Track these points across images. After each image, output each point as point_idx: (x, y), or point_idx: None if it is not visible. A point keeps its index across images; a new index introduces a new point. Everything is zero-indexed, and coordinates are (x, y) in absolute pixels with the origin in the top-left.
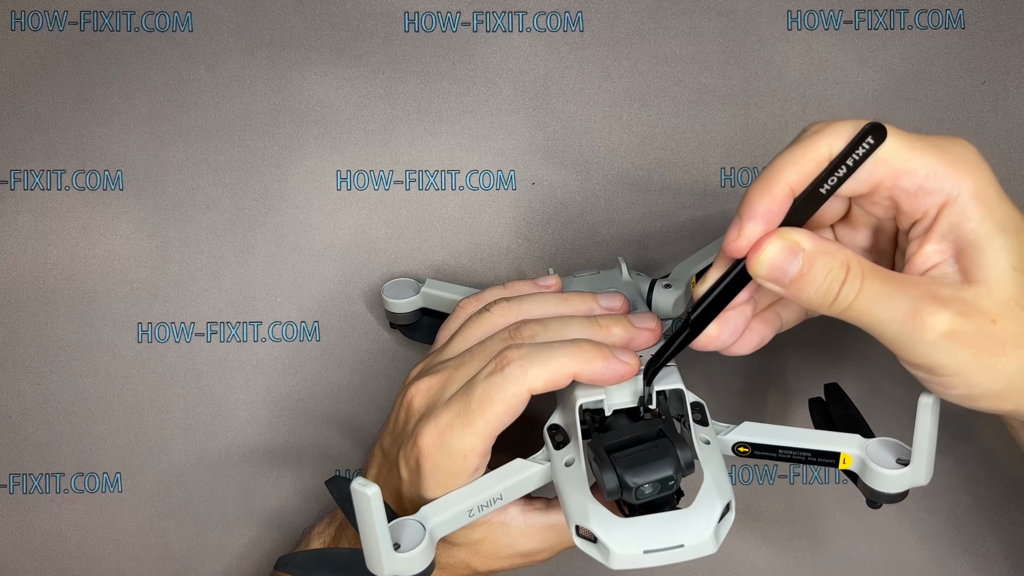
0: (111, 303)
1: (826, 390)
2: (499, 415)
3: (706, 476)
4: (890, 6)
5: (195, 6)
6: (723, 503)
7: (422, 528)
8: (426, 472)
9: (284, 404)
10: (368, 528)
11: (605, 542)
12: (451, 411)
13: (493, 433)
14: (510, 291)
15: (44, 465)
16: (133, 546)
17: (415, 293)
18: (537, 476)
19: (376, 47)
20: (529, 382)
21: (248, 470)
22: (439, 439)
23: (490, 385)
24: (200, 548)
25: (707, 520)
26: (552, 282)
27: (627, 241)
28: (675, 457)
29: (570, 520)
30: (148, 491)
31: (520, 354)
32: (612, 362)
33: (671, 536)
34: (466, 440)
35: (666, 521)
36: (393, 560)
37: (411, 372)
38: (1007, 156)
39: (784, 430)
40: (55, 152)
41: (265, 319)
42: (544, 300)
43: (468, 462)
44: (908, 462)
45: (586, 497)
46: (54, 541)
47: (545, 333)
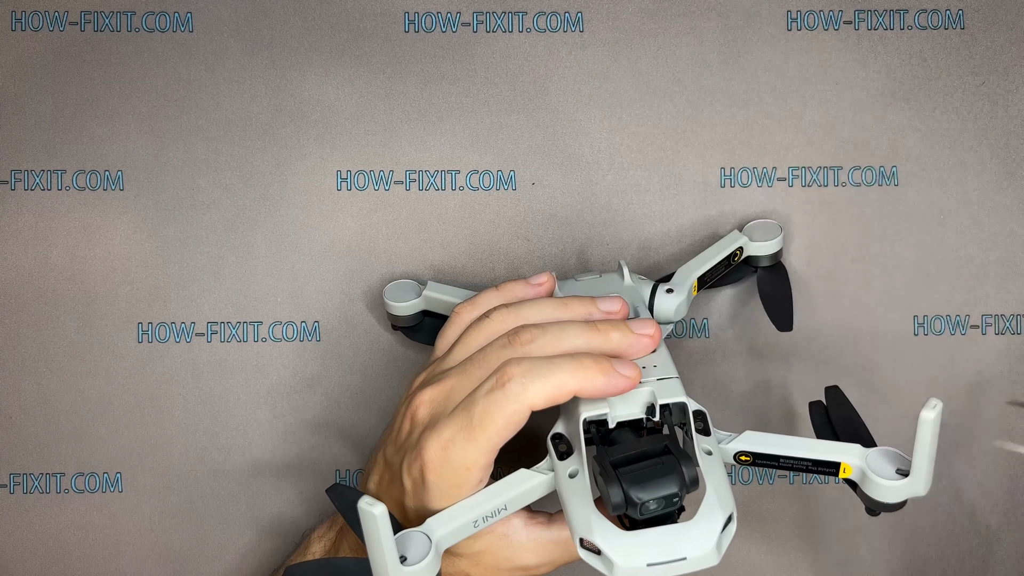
0: (111, 303)
1: (827, 393)
2: (500, 431)
3: (708, 489)
4: (890, 6)
5: (195, 6)
6: (725, 515)
7: (428, 540)
8: (430, 484)
9: (284, 404)
10: (375, 545)
11: (609, 555)
12: (454, 425)
13: (495, 447)
14: (504, 293)
15: (44, 465)
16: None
17: (416, 296)
18: (541, 486)
19: (376, 47)
20: (529, 399)
21: (248, 470)
22: (442, 453)
23: (491, 402)
24: (200, 548)
25: (710, 533)
26: (545, 279)
27: (627, 241)
28: (680, 475)
29: (574, 532)
30: (148, 491)
31: (521, 371)
32: (613, 376)
33: (674, 549)
34: (468, 454)
35: (669, 534)
36: (400, 573)
37: (415, 381)
38: (1007, 157)
39: (785, 439)
40: (55, 152)
41: (265, 319)
42: (543, 305)
43: (471, 475)
44: (908, 472)
45: (590, 510)
46: (54, 541)
47: (544, 338)
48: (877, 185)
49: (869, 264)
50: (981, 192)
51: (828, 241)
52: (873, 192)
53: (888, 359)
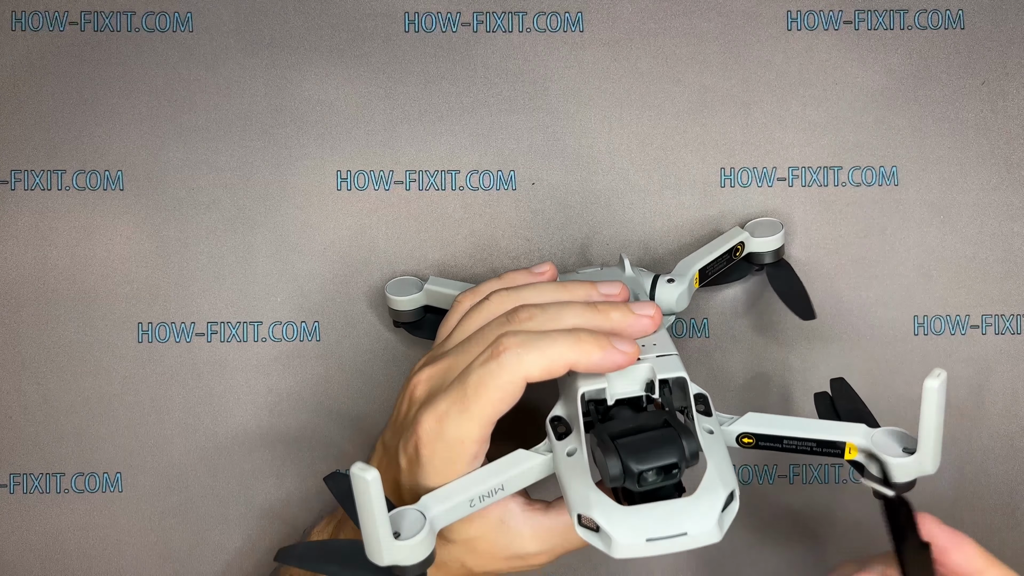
0: (111, 303)
1: (832, 385)
2: (495, 402)
3: (709, 465)
4: (890, 6)
5: (195, 6)
6: (727, 491)
7: (422, 517)
8: (424, 459)
9: (284, 404)
10: (367, 515)
11: (607, 530)
12: (448, 399)
13: (490, 420)
14: (506, 282)
15: (44, 465)
16: (133, 546)
17: (418, 291)
18: (539, 467)
19: (376, 47)
20: (525, 369)
21: (248, 470)
22: (437, 426)
23: (485, 372)
24: (200, 548)
25: (711, 508)
26: (546, 268)
27: (627, 241)
28: (680, 445)
29: (572, 509)
30: (148, 491)
31: (516, 341)
32: (610, 351)
33: (674, 524)
34: (463, 427)
35: (669, 509)
36: (393, 548)
37: (416, 365)
38: (1007, 157)
39: (788, 420)
40: (55, 152)
41: (265, 319)
42: (543, 288)
43: (466, 449)
44: (915, 451)
45: (588, 486)
46: (54, 541)
47: (543, 315)
48: (877, 185)
49: (869, 264)
50: (981, 192)
51: (828, 241)
52: (873, 192)
53: (888, 359)
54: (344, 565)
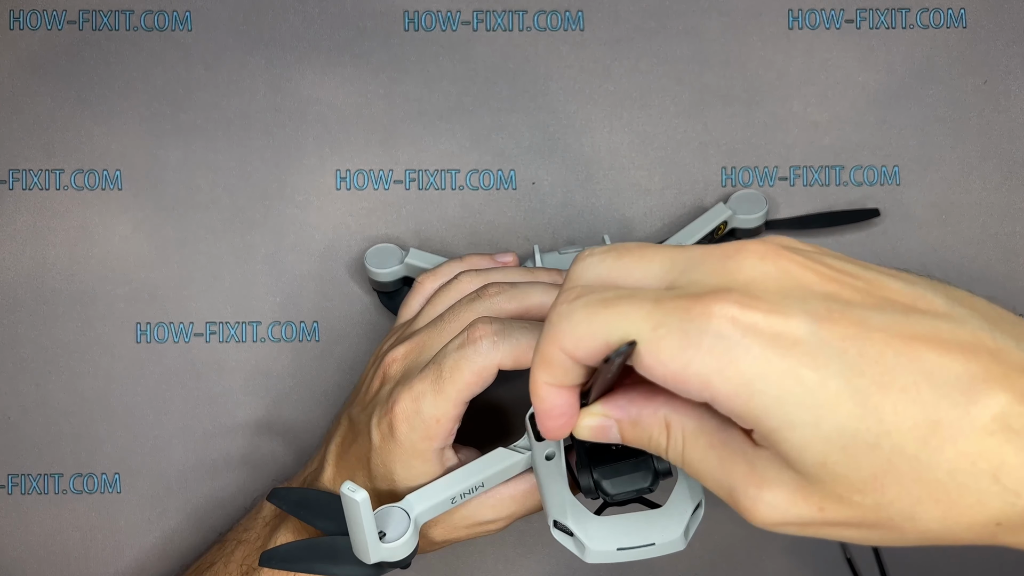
0: (110, 303)
1: None
2: (469, 385)
3: (680, 478)
4: (891, 5)
5: (194, 6)
6: (694, 504)
7: (407, 516)
8: (400, 437)
9: (284, 404)
10: (357, 528)
11: (581, 539)
12: (425, 380)
13: (464, 400)
14: (467, 263)
15: (43, 465)
16: (133, 546)
17: (399, 263)
18: (518, 465)
19: (376, 46)
20: (499, 357)
21: (248, 470)
22: (413, 405)
23: (461, 356)
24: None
25: (679, 521)
26: (510, 259)
27: (628, 241)
28: (652, 470)
29: (549, 514)
30: (147, 491)
31: (492, 330)
32: None
33: (644, 535)
34: (439, 406)
35: (640, 520)
36: (380, 549)
37: (382, 345)
38: (1009, 156)
39: None
40: (54, 152)
41: (265, 319)
42: (510, 271)
43: (441, 427)
44: None
45: (565, 493)
46: (54, 541)
47: (511, 291)
48: (878, 185)
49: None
50: (983, 192)
51: (829, 241)
52: (873, 192)
53: None
54: (330, 563)
